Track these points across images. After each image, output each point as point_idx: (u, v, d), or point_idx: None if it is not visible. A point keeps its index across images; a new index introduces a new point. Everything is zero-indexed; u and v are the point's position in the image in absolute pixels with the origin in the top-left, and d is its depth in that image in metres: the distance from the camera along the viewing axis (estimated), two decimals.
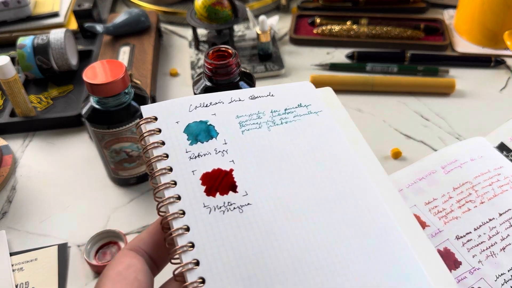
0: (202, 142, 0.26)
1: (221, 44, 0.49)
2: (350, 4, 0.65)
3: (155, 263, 0.22)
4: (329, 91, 0.31)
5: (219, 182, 0.24)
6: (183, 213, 0.22)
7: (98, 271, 0.36)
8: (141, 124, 0.26)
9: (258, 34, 0.55)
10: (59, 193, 0.43)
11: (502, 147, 0.43)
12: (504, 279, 0.33)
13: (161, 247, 0.22)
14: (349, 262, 0.22)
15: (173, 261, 0.21)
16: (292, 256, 0.21)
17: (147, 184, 0.43)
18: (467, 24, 0.58)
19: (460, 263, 0.34)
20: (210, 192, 0.23)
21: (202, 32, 0.61)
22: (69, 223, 0.40)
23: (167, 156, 0.25)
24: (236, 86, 0.39)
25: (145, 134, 0.25)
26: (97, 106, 0.37)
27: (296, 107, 0.29)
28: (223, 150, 0.25)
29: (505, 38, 0.54)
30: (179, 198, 0.23)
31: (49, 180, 0.44)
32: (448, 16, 0.63)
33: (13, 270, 0.36)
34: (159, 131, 0.26)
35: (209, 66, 0.38)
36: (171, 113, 0.27)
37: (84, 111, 0.38)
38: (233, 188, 0.24)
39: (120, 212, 0.41)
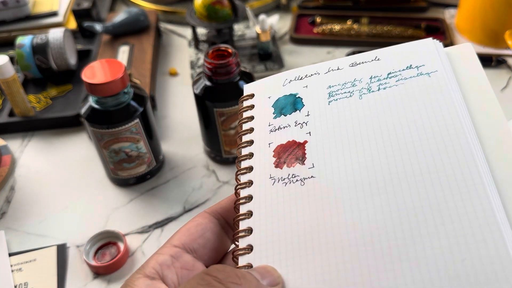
0: (286, 115, 0.25)
1: (220, 44, 0.49)
2: (351, 3, 0.64)
3: (231, 228, 0.23)
4: (468, 48, 0.25)
5: (288, 154, 0.24)
6: (251, 183, 0.23)
7: (97, 271, 0.36)
8: (240, 102, 0.27)
9: (258, 34, 0.54)
10: (58, 193, 0.43)
11: None
12: None
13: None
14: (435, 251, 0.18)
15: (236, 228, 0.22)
16: (351, 231, 0.20)
17: (146, 184, 0.43)
18: (468, 23, 0.57)
19: None
20: (278, 164, 0.23)
21: (201, 31, 0.61)
22: (68, 223, 0.40)
23: (252, 130, 0.25)
24: (236, 86, 0.39)
25: (241, 110, 0.26)
26: (96, 106, 0.37)
27: (403, 70, 0.25)
28: (303, 122, 0.24)
29: (506, 37, 0.53)
30: (251, 169, 0.23)
31: (48, 180, 0.44)
32: (449, 15, 0.63)
33: (12, 271, 0.36)
34: (252, 107, 0.26)
35: (209, 66, 0.37)
36: (265, 89, 0.27)
37: (83, 111, 0.38)
38: (301, 160, 0.23)
39: (119, 213, 0.41)
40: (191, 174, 0.44)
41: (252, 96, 0.27)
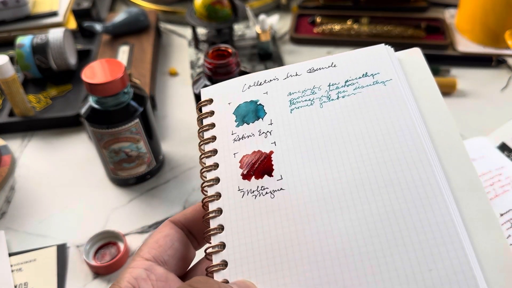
0: (248, 123, 0.25)
1: (220, 43, 0.49)
2: (351, 3, 0.64)
3: (195, 238, 0.23)
4: (416, 53, 0.26)
5: (255, 166, 0.23)
6: (219, 195, 0.23)
7: (97, 271, 0.36)
8: (198, 107, 0.26)
9: (258, 33, 0.54)
10: (58, 193, 0.43)
11: (503, 147, 0.43)
12: None
13: (201, 224, 0.23)
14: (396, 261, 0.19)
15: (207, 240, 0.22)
16: (322, 245, 0.20)
17: (146, 184, 0.43)
18: (468, 23, 0.57)
19: None
20: (246, 175, 0.23)
21: (201, 31, 0.61)
22: (68, 223, 0.40)
23: (214, 138, 0.25)
24: None
25: (199, 117, 0.26)
26: (96, 106, 0.37)
27: (359, 78, 0.25)
28: (267, 131, 0.24)
29: (506, 37, 0.53)
30: (218, 180, 0.23)
31: (48, 180, 0.44)
32: (449, 15, 0.63)
33: (12, 271, 0.36)
34: (212, 113, 0.26)
35: (209, 66, 0.37)
36: (225, 95, 0.26)
37: (83, 110, 0.38)
38: (269, 172, 0.23)
39: (119, 213, 0.41)
40: (191, 174, 0.44)
41: (211, 101, 0.26)
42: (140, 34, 0.58)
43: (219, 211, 0.22)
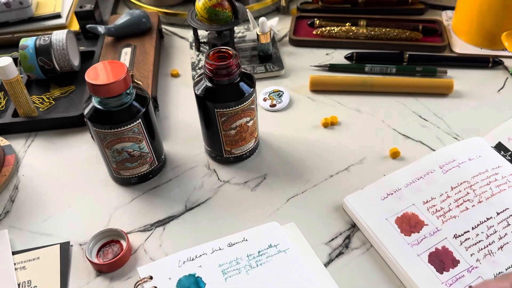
0: None
1: (221, 45, 0.49)
2: (349, 5, 0.65)
3: None
4: (293, 226, 0.37)
5: None
6: None
7: (100, 269, 0.37)
8: (139, 284, 0.32)
9: (258, 35, 0.55)
10: (61, 192, 0.43)
11: (500, 147, 0.44)
12: None
13: None
14: None
15: None
16: None
17: (149, 184, 0.44)
18: (465, 25, 0.58)
19: (458, 261, 0.34)
20: None
21: (202, 33, 0.61)
22: (71, 222, 0.41)
23: None
24: (237, 87, 0.39)
25: None
26: (99, 107, 0.38)
27: (267, 248, 0.35)
28: None
29: (503, 39, 0.54)
30: None
31: (51, 180, 0.45)
32: (446, 17, 0.64)
33: (16, 269, 0.37)
34: None
35: (210, 67, 0.38)
36: (163, 271, 0.33)
37: (86, 111, 0.39)
38: None
39: (121, 211, 0.41)
40: (192, 174, 0.44)
41: (151, 278, 0.33)
42: (142, 36, 0.58)
43: None
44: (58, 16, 0.63)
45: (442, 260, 0.34)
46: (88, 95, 0.40)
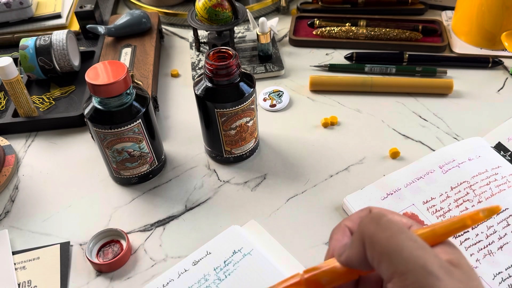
0: None
1: (221, 45, 0.50)
2: (349, 5, 0.65)
3: None
4: (253, 223, 0.38)
5: None
6: None
7: (100, 269, 0.37)
8: None
9: (258, 36, 0.55)
10: (61, 192, 0.43)
11: (499, 147, 0.44)
12: (502, 278, 0.33)
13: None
14: None
15: None
16: None
17: (149, 184, 0.44)
18: (465, 25, 0.58)
19: None
20: None
21: (202, 33, 0.61)
22: (71, 222, 0.41)
23: None
24: (237, 87, 0.39)
25: None
26: (99, 107, 0.38)
27: (232, 255, 0.35)
28: None
29: (502, 39, 0.54)
30: None
31: (51, 180, 0.45)
32: (446, 17, 0.64)
33: (16, 269, 0.37)
34: None
35: (210, 67, 0.38)
36: None
37: (86, 111, 0.39)
38: None
39: (122, 211, 0.41)
40: (192, 174, 0.44)
41: None
42: (142, 36, 0.58)
43: None
44: (58, 16, 0.63)
45: None
46: (88, 95, 0.40)
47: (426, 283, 0.17)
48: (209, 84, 0.39)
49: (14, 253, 0.38)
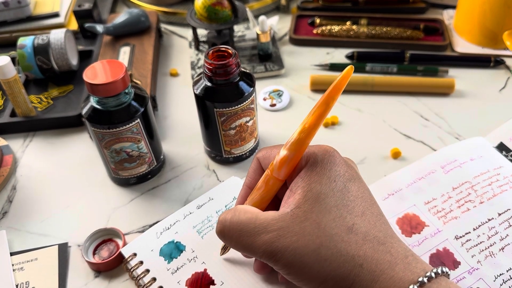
0: (176, 257, 0.34)
1: (221, 44, 0.49)
2: (350, 4, 0.65)
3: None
4: (235, 180, 0.40)
5: (200, 282, 0.32)
6: None
7: (97, 269, 0.36)
8: (126, 263, 0.34)
9: (258, 34, 0.55)
10: (60, 193, 0.43)
11: (501, 147, 0.43)
12: (503, 279, 0.33)
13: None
14: None
15: None
16: None
17: (147, 184, 0.43)
18: (466, 24, 0.58)
19: (459, 263, 0.34)
20: None
21: (202, 32, 0.61)
22: (70, 223, 0.40)
23: (155, 279, 0.33)
24: (236, 86, 0.39)
25: (131, 270, 0.34)
26: (97, 106, 0.38)
27: (232, 201, 0.38)
28: (194, 257, 0.34)
29: (504, 38, 0.54)
30: None
31: (50, 180, 0.44)
32: (447, 16, 0.63)
33: (14, 270, 0.37)
34: (141, 262, 0.34)
35: (209, 66, 0.38)
36: (145, 246, 0.35)
37: (84, 111, 0.38)
38: (212, 282, 0.32)
39: (120, 212, 0.41)
40: (191, 174, 0.44)
41: (135, 255, 0.35)
42: (141, 35, 0.58)
43: None
44: (56, 15, 0.63)
45: (443, 262, 0.34)
46: (87, 94, 0.40)
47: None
48: (209, 84, 0.39)
49: (12, 254, 0.38)
